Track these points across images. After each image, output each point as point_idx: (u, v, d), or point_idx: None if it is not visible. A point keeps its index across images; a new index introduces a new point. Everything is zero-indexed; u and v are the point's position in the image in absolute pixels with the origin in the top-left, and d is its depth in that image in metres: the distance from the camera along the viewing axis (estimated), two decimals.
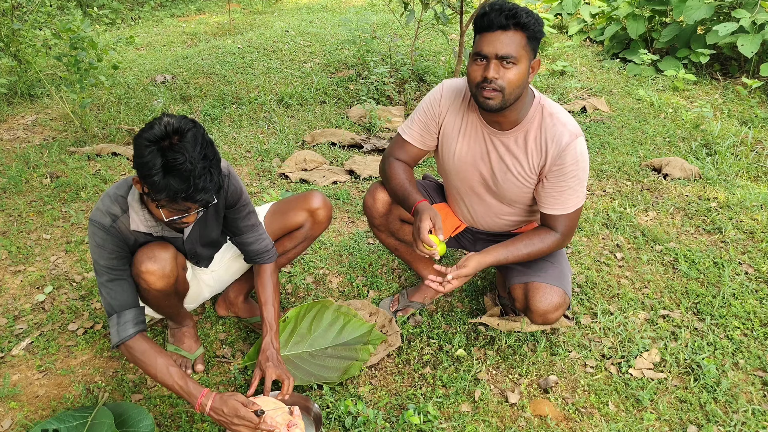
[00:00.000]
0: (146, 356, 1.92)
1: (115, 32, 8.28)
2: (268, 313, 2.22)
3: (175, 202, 1.72)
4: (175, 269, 2.05)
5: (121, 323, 1.94)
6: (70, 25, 4.37)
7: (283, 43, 6.82)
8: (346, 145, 4.50)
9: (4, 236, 3.30)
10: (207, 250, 2.28)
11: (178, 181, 1.67)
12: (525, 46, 1.89)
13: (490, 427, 2.11)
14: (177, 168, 1.65)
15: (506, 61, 1.88)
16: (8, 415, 2.16)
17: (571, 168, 2.04)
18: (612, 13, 6.56)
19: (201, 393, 1.89)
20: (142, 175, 1.71)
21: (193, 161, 1.67)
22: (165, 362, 1.92)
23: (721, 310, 2.65)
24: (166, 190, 1.68)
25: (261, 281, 2.28)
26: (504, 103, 1.94)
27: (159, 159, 1.66)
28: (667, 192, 3.70)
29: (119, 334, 1.93)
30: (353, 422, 2.10)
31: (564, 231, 2.14)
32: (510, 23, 1.85)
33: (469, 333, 2.56)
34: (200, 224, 2.12)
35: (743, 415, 2.13)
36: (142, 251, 1.99)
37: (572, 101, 5.30)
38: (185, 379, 1.91)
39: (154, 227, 1.99)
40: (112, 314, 1.95)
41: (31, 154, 4.28)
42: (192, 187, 1.68)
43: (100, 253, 1.92)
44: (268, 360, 2.13)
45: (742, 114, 4.84)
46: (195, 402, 1.88)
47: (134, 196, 1.94)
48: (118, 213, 1.93)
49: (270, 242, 2.31)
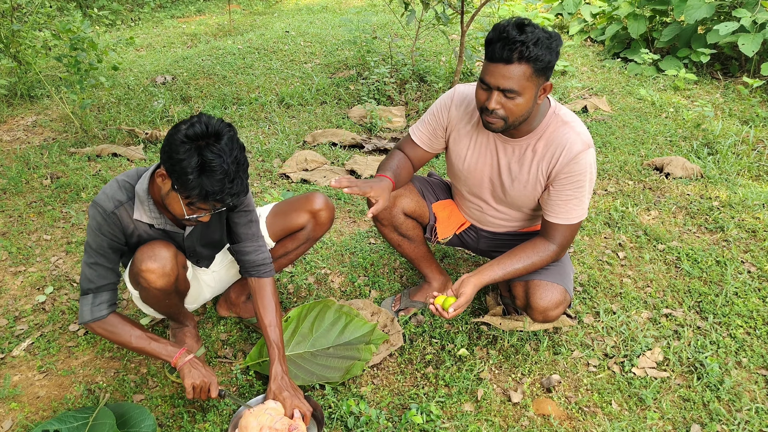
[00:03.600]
0: (118, 328, 2.00)
1: (115, 33, 8.28)
2: (274, 335, 2.14)
3: (206, 201, 1.75)
4: (176, 268, 2.04)
5: (95, 303, 1.98)
6: (70, 26, 4.37)
7: (283, 43, 6.82)
8: (346, 145, 4.49)
9: (4, 237, 3.29)
10: (207, 250, 2.27)
11: (213, 182, 1.70)
12: (530, 77, 1.84)
13: (493, 426, 2.11)
14: (213, 169, 1.69)
15: (507, 93, 1.86)
16: (9, 416, 2.15)
17: (579, 177, 2.03)
18: (613, 13, 6.55)
19: (179, 350, 2.02)
20: (173, 171, 1.72)
21: (228, 164, 1.70)
22: (138, 331, 2.00)
23: (723, 308, 2.64)
24: (199, 189, 1.71)
25: (262, 301, 2.18)
26: (507, 127, 1.96)
27: (195, 158, 1.68)
28: (669, 191, 3.69)
29: (92, 313, 1.97)
30: (355, 422, 2.09)
31: (562, 242, 2.14)
32: (514, 57, 1.80)
33: (472, 332, 2.56)
34: (202, 224, 2.11)
35: (746, 414, 2.12)
36: (142, 250, 1.99)
37: (573, 101, 5.30)
38: (159, 340, 2.02)
39: (157, 219, 1.99)
40: (87, 293, 1.98)
41: (31, 155, 4.27)
42: (225, 190, 1.72)
43: (95, 235, 1.94)
44: (283, 390, 2.05)
45: (743, 113, 4.83)
46: (172, 357, 2.00)
47: (142, 186, 1.94)
48: (123, 200, 1.94)
49: (269, 257, 2.24)
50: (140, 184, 1.95)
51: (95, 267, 1.97)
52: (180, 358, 2.00)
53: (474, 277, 2.08)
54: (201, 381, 1.99)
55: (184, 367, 1.99)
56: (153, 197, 1.96)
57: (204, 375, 2.00)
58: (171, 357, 2.00)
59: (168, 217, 2.03)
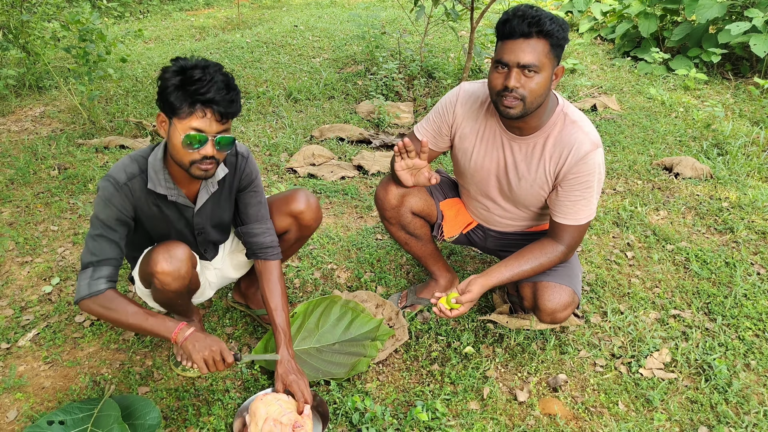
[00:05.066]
0: (114, 304, 1.87)
1: (124, 25, 8.28)
2: (280, 319, 2.13)
3: (193, 108, 1.74)
4: (190, 270, 2.01)
5: (94, 277, 1.88)
6: (79, 17, 4.37)
7: (291, 38, 6.81)
8: (354, 140, 4.48)
9: (11, 227, 3.30)
10: (215, 233, 2.23)
11: (198, 85, 1.72)
12: (548, 54, 1.85)
13: (499, 425, 2.09)
14: (193, 77, 1.72)
15: (528, 69, 1.84)
16: (14, 406, 2.16)
17: (588, 178, 2.01)
18: (623, 11, 6.52)
19: (179, 325, 1.89)
20: (163, 99, 1.76)
21: (210, 74, 1.73)
22: (135, 308, 1.88)
23: (732, 310, 2.62)
24: (183, 95, 1.73)
25: (268, 284, 2.18)
26: (525, 111, 1.92)
27: (178, 76, 1.73)
28: (678, 191, 3.67)
29: (89, 287, 1.87)
30: (360, 418, 2.09)
31: (570, 243, 2.12)
32: (533, 31, 1.80)
33: (478, 330, 2.54)
34: (213, 200, 2.10)
35: (755, 417, 2.10)
36: (156, 250, 1.97)
37: (582, 99, 5.27)
38: (157, 316, 1.89)
39: (171, 190, 1.97)
40: (88, 267, 1.89)
41: (39, 146, 4.28)
42: (207, 90, 1.72)
43: (103, 208, 1.90)
44: (290, 374, 2.06)
45: (754, 114, 4.80)
46: (172, 333, 1.87)
47: (157, 156, 1.95)
48: (136, 172, 1.93)
49: (276, 240, 2.23)
50: (154, 155, 1.95)
51: (99, 239, 1.91)
52: (180, 332, 1.88)
53: (482, 278, 2.07)
54: (210, 351, 1.87)
55: (186, 342, 1.87)
56: (167, 169, 1.96)
57: (211, 344, 1.88)
58: (170, 333, 1.87)
59: (183, 189, 2.01)
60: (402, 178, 2.14)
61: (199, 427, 2.06)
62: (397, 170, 2.12)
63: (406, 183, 2.15)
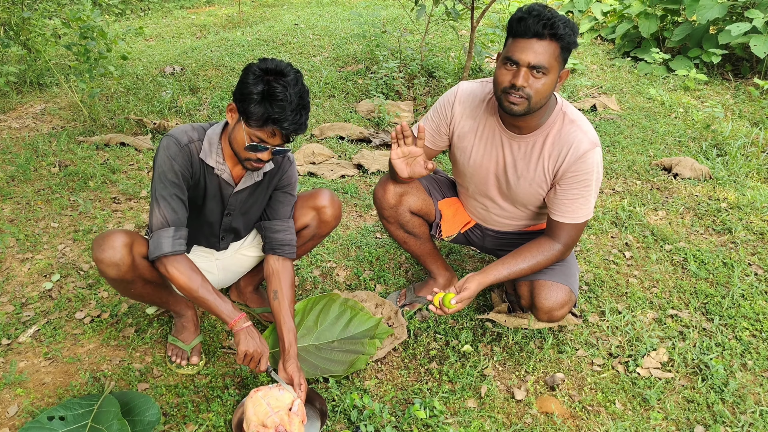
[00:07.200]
0: (190, 270, 1.97)
1: (125, 23, 8.29)
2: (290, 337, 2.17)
3: (265, 126, 1.84)
4: (126, 258, 1.99)
5: (176, 236, 1.96)
6: (80, 14, 4.38)
7: (292, 36, 6.81)
8: (354, 139, 4.49)
9: (12, 224, 3.31)
10: (241, 221, 2.27)
11: (275, 107, 1.81)
12: (557, 57, 1.86)
13: (496, 423, 2.11)
14: (276, 95, 1.80)
15: (537, 70, 1.85)
16: (14, 402, 2.17)
17: (586, 177, 2.02)
18: (624, 12, 6.52)
19: (240, 314, 2.02)
20: (241, 98, 1.85)
21: (291, 95, 1.82)
22: (208, 283, 2.00)
23: (729, 310, 2.63)
24: (262, 111, 1.82)
25: (279, 282, 2.22)
26: (528, 110, 1.93)
27: (261, 85, 1.81)
28: (677, 192, 3.68)
29: (173, 245, 1.94)
30: (359, 415, 2.10)
31: (567, 242, 2.13)
32: (546, 32, 1.81)
33: (476, 329, 2.55)
34: (252, 188, 2.17)
35: (751, 416, 2.12)
36: (95, 239, 2.02)
37: (582, 99, 5.28)
38: (225, 299, 2.02)
39: (219, 165, 2.05)
40: (165, 227, 1.95)
41: (40, 143, 4.28)
42: (286, 117, 1.82)
43: (171, 164, 1.96)
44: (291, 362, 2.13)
45: (753, 115, 4.81)
46: (231, 320, 2.00)
47: (215, 130, 2.05)
48: (195, 138, 2.02)
49: (294, 239, 2.29)
50: (213, 129, 2.06)
51: (174, 199, 1.97)
52: (238, 322, 2.01)
53: (479, 275, 2.08)
54: (254, 350, 2.01)
55: (240, 332, 2.01)
56: (221, 143, 2.04)
57: (258, 345, 2.02)
58: (230, 319, 2.00)
59: (230, 167, 2.09)
60: (398, 168, 2.15)
61: (198, 424, 2.07)
62: (393, 159, 2.14)
63: (401, 174, 2.15)
